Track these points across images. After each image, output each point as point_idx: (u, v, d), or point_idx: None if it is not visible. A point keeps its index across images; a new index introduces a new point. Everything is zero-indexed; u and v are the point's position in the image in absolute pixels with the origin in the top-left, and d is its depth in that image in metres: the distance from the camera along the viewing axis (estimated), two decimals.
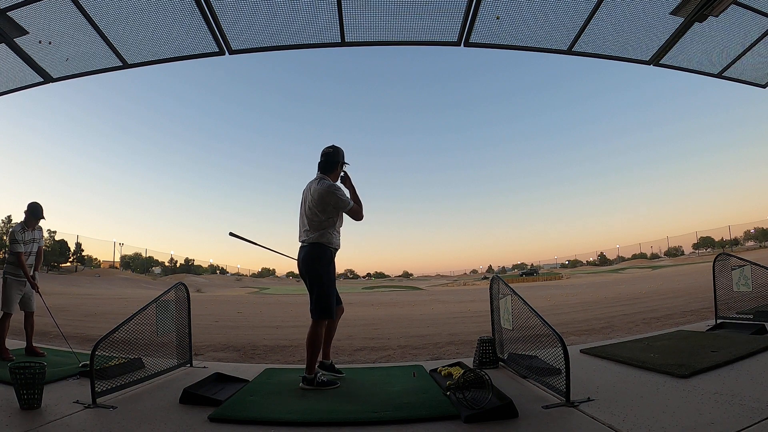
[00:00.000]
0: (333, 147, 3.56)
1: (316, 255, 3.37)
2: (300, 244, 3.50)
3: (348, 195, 3.46)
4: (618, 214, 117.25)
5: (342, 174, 3.59)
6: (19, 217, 4.80)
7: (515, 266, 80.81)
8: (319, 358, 3.44)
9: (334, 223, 3.44)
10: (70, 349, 4.47)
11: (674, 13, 3.66)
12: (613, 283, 25.35)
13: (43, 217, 4.81)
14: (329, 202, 3.34)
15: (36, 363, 2.87)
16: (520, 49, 4.04)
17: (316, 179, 3.49)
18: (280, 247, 3.96)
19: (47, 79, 4.10)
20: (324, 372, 3.44)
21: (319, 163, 3.54)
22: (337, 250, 3.50)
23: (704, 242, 59.70)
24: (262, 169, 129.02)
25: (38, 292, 4.66)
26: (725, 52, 4.30)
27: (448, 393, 2.87)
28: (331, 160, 3.51)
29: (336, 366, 3.66)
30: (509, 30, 3.77)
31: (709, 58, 4.36)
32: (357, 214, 3.44)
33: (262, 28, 3.65)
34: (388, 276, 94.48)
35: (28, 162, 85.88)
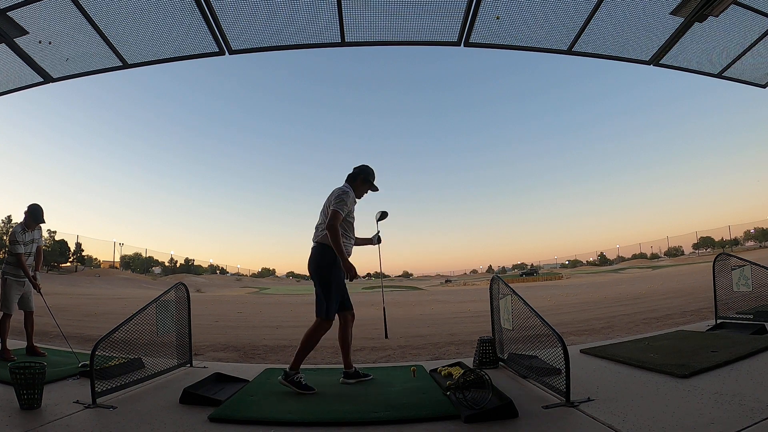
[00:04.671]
0: (367, 166, 3.67)
1: (319, 255, 3.41)
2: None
3: (349, 207, 3.41)
4: (618, 214, 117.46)
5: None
6: (19, 217, 4.78)
7: (515, 266, 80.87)
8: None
9: (344, 228, 3.43)
10: (70, 349, 4.47)
11: (674, 13, 3.66)
12: (613, 283, 25.34)
13: (44, 221, 4.79)
14: (333, 199, 3.37)
15: (36, 363, 2.87)
16: (520, 49, 4.03)
17: (342, 185, 3.57)
18: (284, 246, 3.98)
19: (47, 79, 4.10)
20: (302, 376, 3.26)
21: (350, 175, 3.62)
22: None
23: (704, 242, 59.75)
24: (261, 170, 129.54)
25: (40, 292, 4.66)
26: (725, 52, 4.29)
27: (448, 393, 2.87)
28: (361, 177, 3.59)
29: (358, 369, 3.56)
30: (509, 30, 3.77)
31: (709, 58, 4.36)
32: (333, 218, 3.28)
33: (262, 28, 3.64)
34: (388, 276, 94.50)
35: (28, 162, 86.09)
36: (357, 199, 3.59)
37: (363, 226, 3.72)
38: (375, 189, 3.67)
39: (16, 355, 4.32)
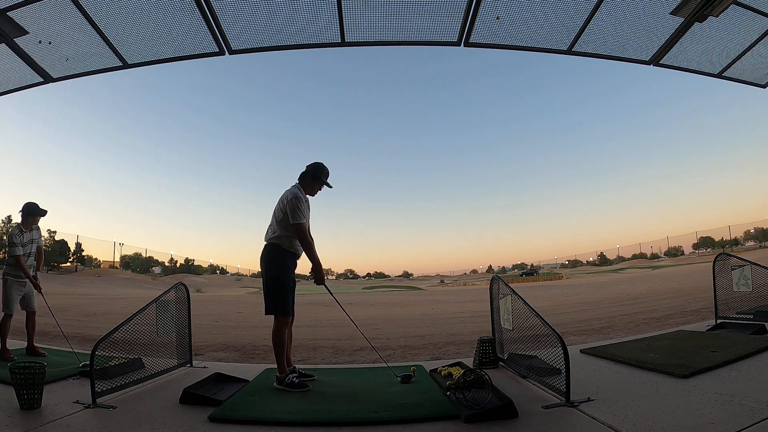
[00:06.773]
0: (318, 163, 3.65)
1: (270, 255, 3.47)
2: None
3: (304, 213, 3.45)
4: (618, 214, 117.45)
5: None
6: (19, 217, 4.76)
7: (515, 266, 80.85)
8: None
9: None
10: (70, 349, 4.47)
11: (674, 13, 3.66)
12: (613, 283, 25.35)
13: (43, 213, 4.71)
14: (287, 208, 3.40)
15: (36, 363, 2.87)
16: (520, 49, 4.03)
17: (292, 185, 3.59)
18: None
19: (47, 79, 4.10)
20: (296, 375, 3.33)
21: (301, 173, 3.63)
22: (295, 254, 3.54)
23: (704, 242, 59.72)
24: (262, 170, 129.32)
25: (41, 292, 4.66)
26: (725, 52, 4.29)
27: (448, 393, 2.87)
28: (311, 174, 3.60)
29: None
30: (509, 30, 3.77)
31: (709, 58, 4.36)
32: (299, 233, 3.41)
33: (262, 28, 3.64)
34: (388, 276, 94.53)
35: (28, 162, 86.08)
36: (310, 197, 3.64)
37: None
38: (329, 186, 3.70)
39: (16, 355, 4.31)
